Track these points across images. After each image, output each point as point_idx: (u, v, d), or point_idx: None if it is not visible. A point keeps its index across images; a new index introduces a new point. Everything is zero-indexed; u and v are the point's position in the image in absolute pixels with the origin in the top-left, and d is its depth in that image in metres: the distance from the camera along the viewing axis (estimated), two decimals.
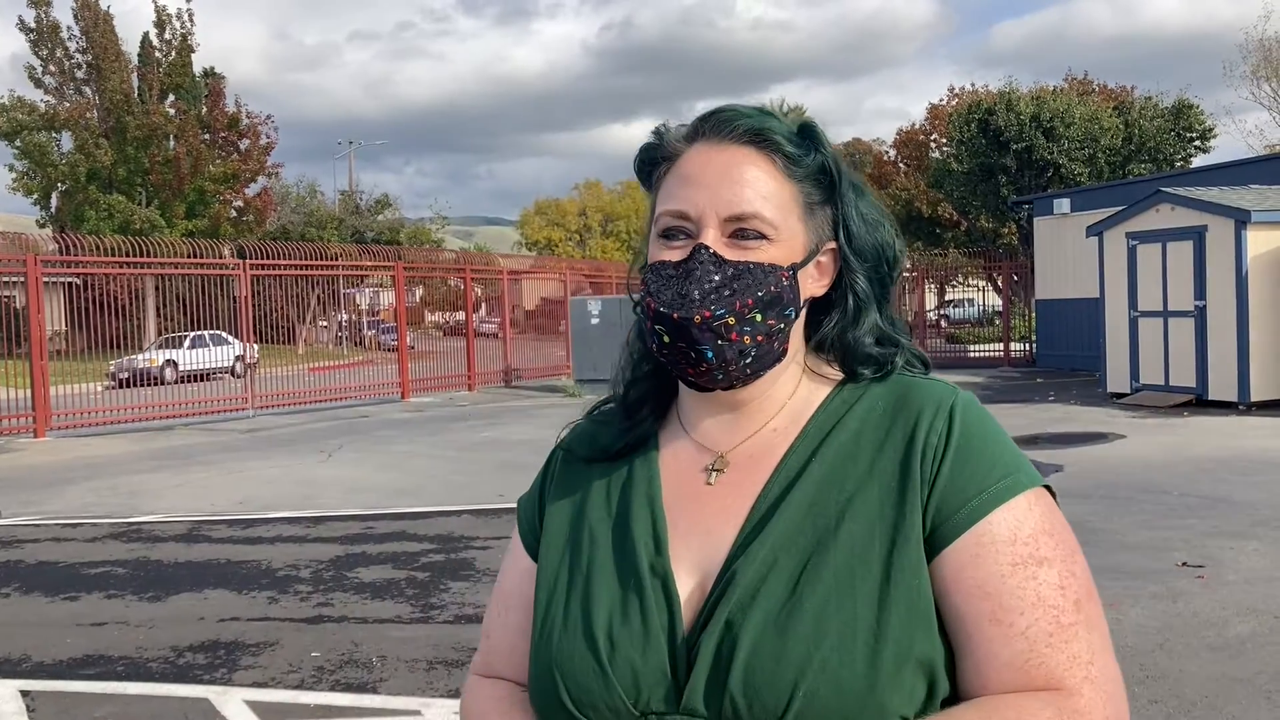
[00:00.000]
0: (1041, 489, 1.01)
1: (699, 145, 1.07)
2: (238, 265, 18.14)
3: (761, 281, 1.02)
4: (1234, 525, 6.96)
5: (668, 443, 1.12)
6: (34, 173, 34.33)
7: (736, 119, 1.06)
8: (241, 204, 37.73)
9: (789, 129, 1.07)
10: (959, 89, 38.90)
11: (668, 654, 0.98)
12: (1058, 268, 21.29)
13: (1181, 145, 28.05)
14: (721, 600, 0.98)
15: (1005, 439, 1.03)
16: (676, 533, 1.05)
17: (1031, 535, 0.97)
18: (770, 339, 1.04)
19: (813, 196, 1.07)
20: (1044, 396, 16.00)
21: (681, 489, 1.08)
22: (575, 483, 1.14)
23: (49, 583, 6.55)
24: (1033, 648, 0.94)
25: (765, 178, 1.04)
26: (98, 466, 11.82)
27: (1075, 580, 0.98)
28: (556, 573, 1.09)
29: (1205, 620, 5.03)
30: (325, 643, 5.14)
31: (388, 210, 43.96)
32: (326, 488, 9.88)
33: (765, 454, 1.06)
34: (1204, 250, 13.68)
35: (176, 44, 35.95)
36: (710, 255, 1.02)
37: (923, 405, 1.04)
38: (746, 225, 1.03)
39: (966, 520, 0.97)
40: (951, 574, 0.97)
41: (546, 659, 1.03)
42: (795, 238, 1.05)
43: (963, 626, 0.96)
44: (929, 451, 1.00)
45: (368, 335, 30.09)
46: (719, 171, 1.04)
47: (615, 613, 1.02)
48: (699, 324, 1.00)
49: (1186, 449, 10.34)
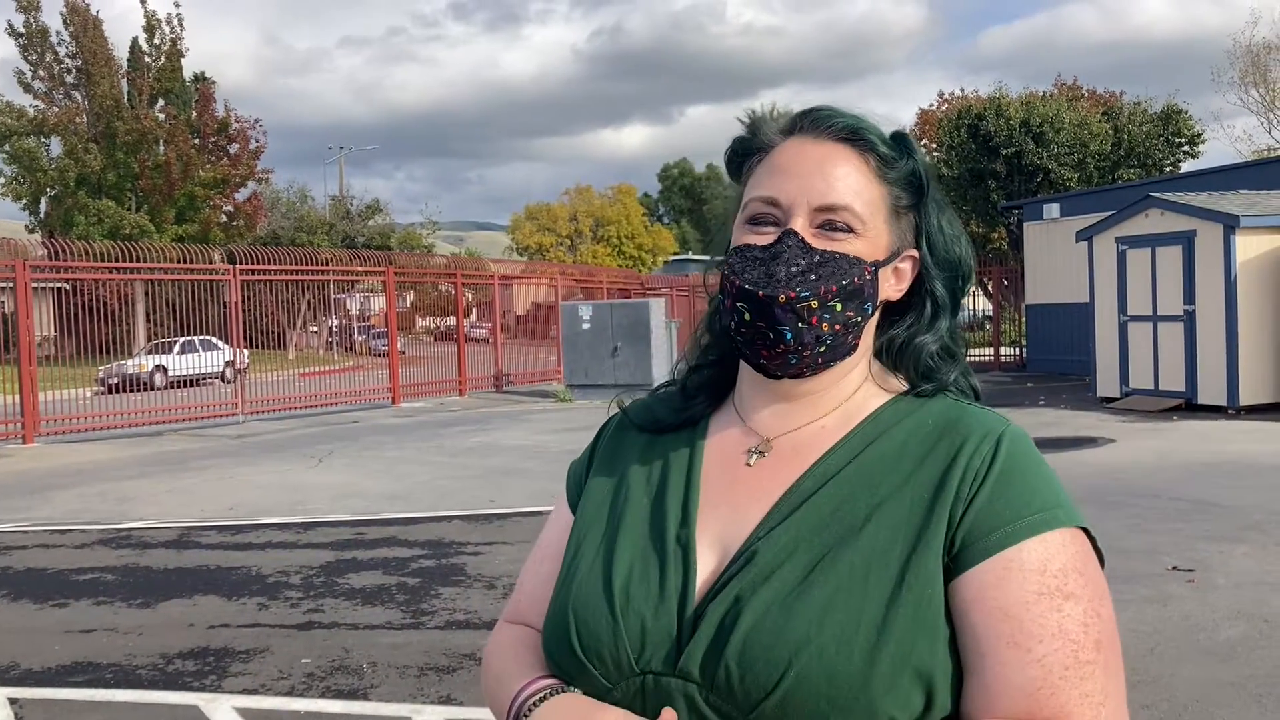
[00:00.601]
0: (1079, 530, 1.01)
1: (795, 139, 1.10)
2: (228, 270, 18.10)
3: (846, 272, 1.05)
4: (1224, 529, 6.98)
5: (719, 424, 1.16)
6: (23, 178, 34.24)
7: (834, 117, 1.10)
8: (231, 209, 37.68)
9: (883, 133, 1.10)
10: (949, 94, 39.00)
11: (676, 618, 1.01)
12: (1048, 272, 21.35)
13: (1170, 150, 28.17)
14: (736, 575, 1.00)
15: (1051, 475, 1.04)
16: (708, 506, 1.08)
17: (1061, 570, 0.97)
18: (846, 330, 1.06)
19: (900, 200, 1.10)
20: (1034, 401, 16.05)
21: (721, 467, 1.11)
22: (623, 450, 1.19)
23: (37, 589, 6.51)
24: (1047, 677, 0.94)
25: (857, 175, 1.07)
26: (87, 472, 11.78)
27: (1100, 622, 0.97)
28: (589, 527, 1.13)
29: (1196, 624, 5.04)
30: (315, 649, 5.12)
31: (378, 215, 43.94)
32: (317, 493, 9.85)
33: (809, 446, 1.08)
34: (1193, 255, 13.74)
35: (166, 49, 35.92)
36: (798, 241, 1.05)
37: (972, 429, 1.05)
38: (835, 217, 1.06)
39: (998, 544, 0.98)
40: (974, 593, 0.97)
41: (564, 602, 1.07)
42: (880, 237, 1.08)
43: (978, 646, 0.96)
44: (970, 473, 1.01)
45: (358, 340, 30.06)
46: (813, 164, 1.07)
47: (635, 571, 1.05)
48: (783, 304, 1.03)
49: (1176, 453, 10.38)
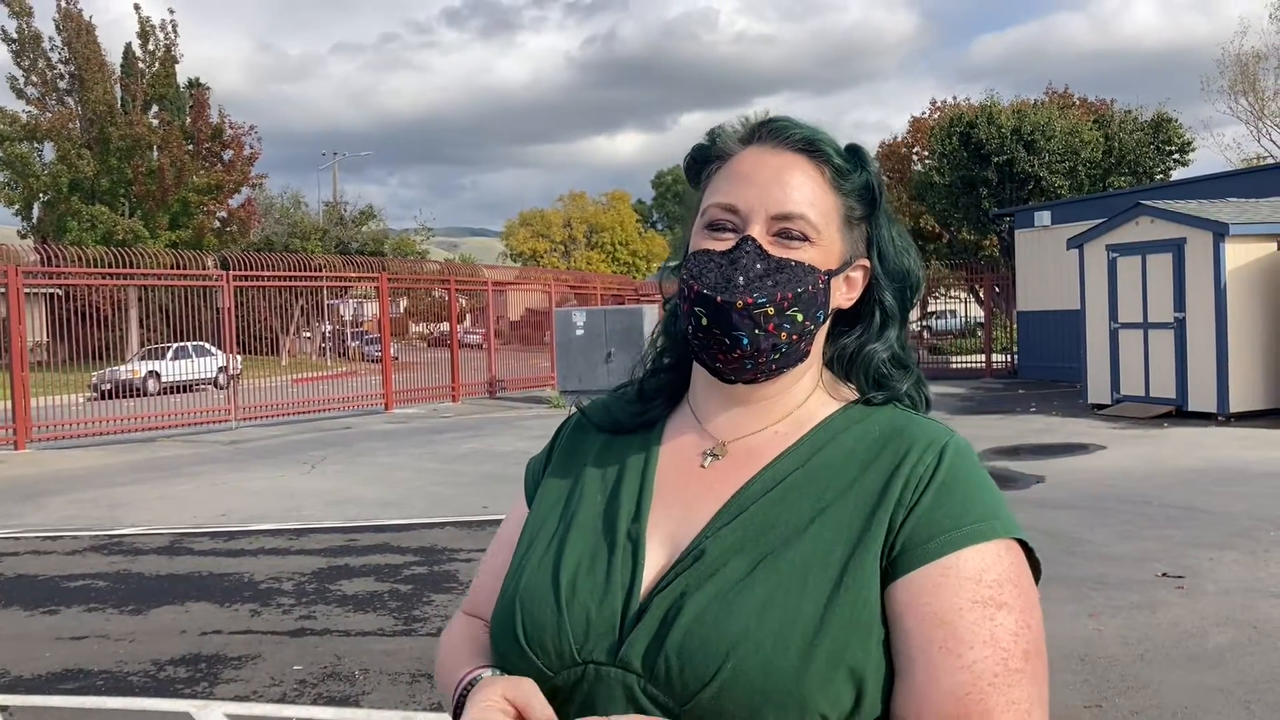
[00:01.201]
0: (1016, 542, 1.03)
1: (753, 148, 1.12)
2: (221, 276, 18.08)
3: (801, 279, 1.07)
4: (1213, 536, 7.01)
5: (675, 427, 1.18)
6: (15, 183, 34.13)
7: (792, 128, 1.12)
8: (225, 215, 37.63)
9: (838, 145, 1.13)
10: (941, 102, 39.09)
11: (621, 610, 1.02)
12: (1039, 280, 21.41)
13: (1161, 158, 28.27)
14: (684, 572, 1.02)
15: (991, 486, 1.06)
16: (660, 504, 1.10)
17: (997, 580, 0.99)
18: (800, 338, 1.08)
19: (854, 211, 1.12)
20: (1025, 407, 16.08)
21: (676, 468, 1.13)
22: (581, 449, 1.21)
23: (28, 596, 6.51)
24: (976, 683, 0.95)
25: (812, 185, 1.09)
26: (79, 479, 11.76)
27: (1029, 632, 0.99)
28: (543, 523, 1.15)
29: (1185, 630, 5.07)
30: (307, 656, 5.13)
31: (372, 221, 43.89)
32: (309, 500, 9.85)
33: (761, 451, 1.10)
34: (1183, 262, 13.79)
35: (160, 55, 35.87)
36: (756, 247, 1.07)
37: (917, 438, 1.07)
38: (792, 225, 1.08)
39: (936, 551, 0.99)
40: (909, 598, 0.98)
41: (512, 592, 1.08)
42: (833, 246, 1.10)
43: (910, 649, 0.97)
44: (913, 480, 1.03)
45: (351, 346, 30.01)
46: (771, 172, 1.09)
47: (583, 563, 1.07)
48: (740, 309, 1.04)
49: (1166, 460, 10.42)
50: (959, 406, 16.87)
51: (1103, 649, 4.82)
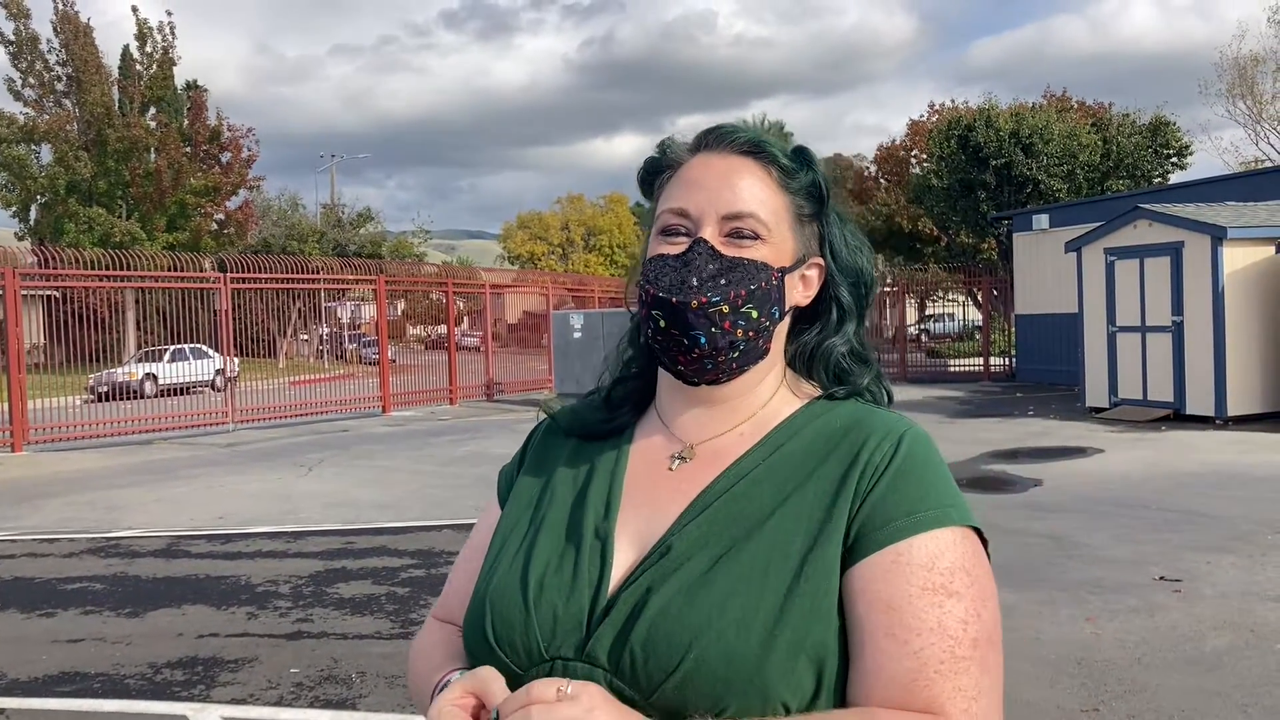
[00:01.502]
0: (972, 531, 1.04)
1: (701, 155, 1.15)
2: (218, 278, 18.07)
3: (754, 276, 1.09)
4: (1211, 539, 7.01)
5: (644, 431, 1.20)
6: (13, 185, 34.10)
7: (737, 133, 1.14)
8: (223, 217, 37.61)
9: (784, 146, 1.15)
10: (939, 105, 39.15)
11: (588, 607, 1.04)
12: (1037, 283, 21.43)
13: (1159, 162, 28.30)
14: (651, 568, 1.04)
15: (947, 476, 1.07)
16: (629, 505, 1.12)
17: (949, 568, 1.00)
18: (758, 335, 1.10)
19: (803, 209, 1.15)
20: (1024, 411, 16.09)
21: (645, 470, 1.15)
22: (551, 453, 1.23)
23: (25, 598, 6.49)
24: (921, 669, 0.96)
25: (760, 185, 1.12)
26: (76, 481, 11.74)
27: (980, 622, 1.00)
28: (514, 525, 1.17)
29: (1183, 634, 5.07)
30: (304, 659, 5.12)
31: (370, 224, 43.89)
32: (306, 502, 9.84)
33: (727, 451, 1.12)
34: (1181, 266, 13.81)
35: (158, 57, 35.85)
36: (708, 248, 1.09)
37: (875, 428, 1.09)
38: (742, 225, 1.10)
39: (888, 538, 1.01)
40: (861, 584, 1.00)
41: (482, 593, 1.10)
42: (785, 243, 1.13)
43: (860, 636, 0.99)
44: (869, 468, 1.05)
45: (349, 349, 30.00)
46: (719, 176, 1.12)
47: (552, 563, 1.08)
48: (695, 309, 1.07)
49: (1164, 463, 10.42)
50: (957, 410, 16.87)
51: (1100, 652, 4.82)
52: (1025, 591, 5.88)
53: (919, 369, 25.41)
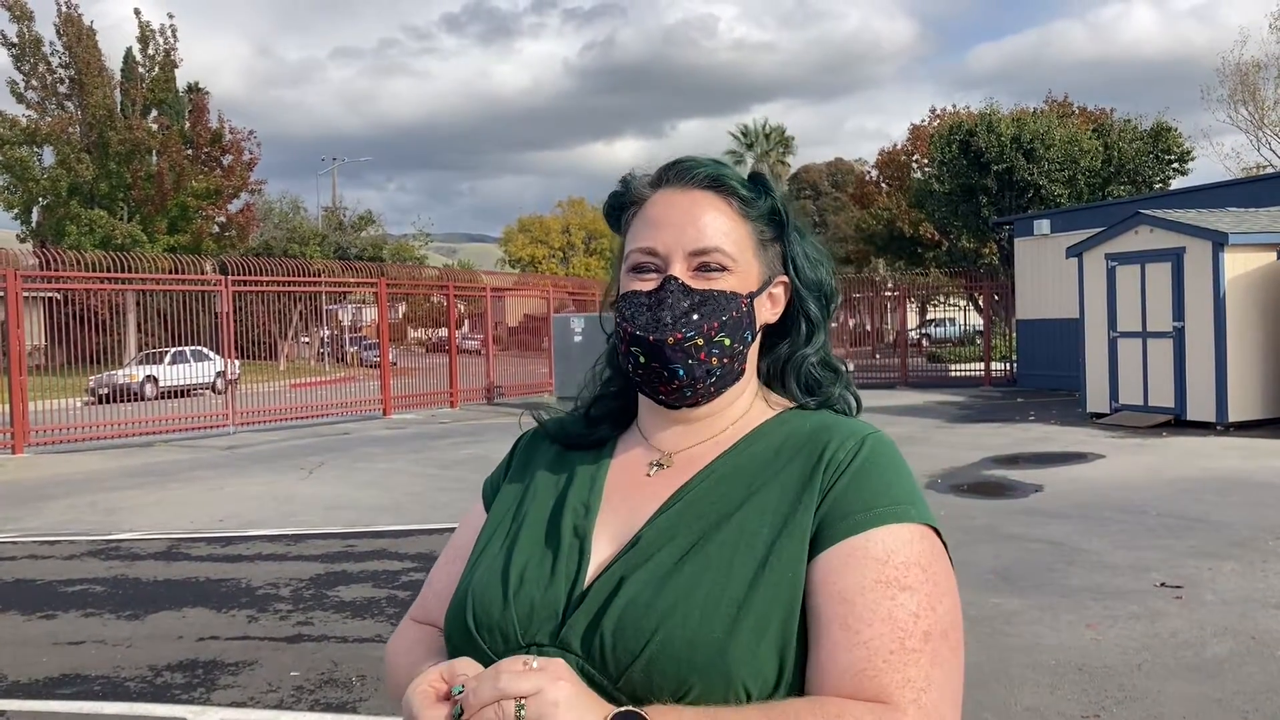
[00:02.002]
0: (931, 530, 1.07)
1: (663, 191, 1.20)
2: (219, 281, 18.08)
3: (725, 307, 1.15)
4: (1212, 545, 7.01)
5: (625, 443, 1.26)
6: (15, 187, 34.10)
7: (696, 168, 1.19)
8: (224, 220, 37.59)
9: (741, 177, 1.21)
10: (940, 110, 39.17)
11: (564, 597, 1.09)
12: (1038, 288, 21.43)
13: (1160, 167, 28.30)
14: (622, 560, 1.09)
15: (909, 476, 1.12)
16: (608, 508, 1.17)
17: (904, 563, 1.03)
18: (732, 360, 1.17)
19: (765, 234, 1.21)
20: (1024, 416, 16.09)
21: (625, 477, 1.20)
22: (535, 460, 1.29)
23: (26, 601, 6.49)
24: (870, 659, 0.99)
25: (723, 217, 1.17)
26: (76, 483, 11.74)
27: (933, 615, 1.02)
28: (497, 526, 1.22)
29: (1183, 641, 5.06)
30: (305, 662, 5.12)
31: (371, 227, 43.92)
32: (307, 505, 9.83)
33: (701, 457, 1.18)
34: (1182, 272, 13.81)
35: (160, 59, 35.87)
36: (679, 285, 1.14)
37: (839, 431, 1.15)
38: (709, 259, 1.15)
39: (846, 530, 1.05)
40: (820, 576, 1.04)
41: (465, 586, 1.16)
42: (751, 270, 1.19)
43: (816, 627, 1.03)
44: (832, 465, 1.10)
45: (350, 352, 30.01)
46: (683, 212, 1.17)
47: (532, 558, 1.14)
48: (672, 345, 1.13)
49: (1165, 469, 10.42)
50: (957, 415, 16.86)
51: (1100, 659, 4.82)
52: (1026, 597, 5.87)
53: (920, 373, 25.41)
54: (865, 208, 40.60)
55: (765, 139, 53.39)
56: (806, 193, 57.45)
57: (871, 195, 40.99)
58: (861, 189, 43.57)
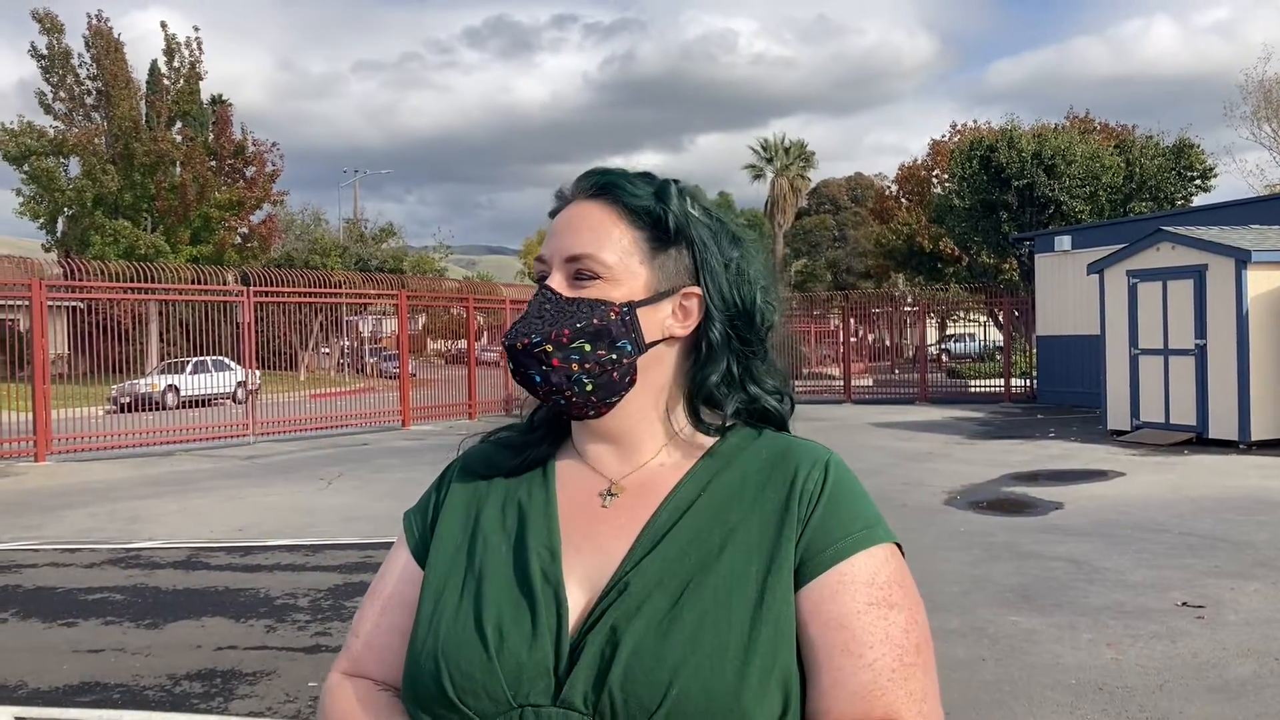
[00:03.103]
0: (894, 545, 1.11)
1: (566, 204, 1.19)
2: (241, 292, 18.20)
3: (584, 315, 1.12)
4: (1235, 565, 6.95)
5: (565, 468, 1.21)
6: (41, 197, 34.42)
7: (591, 177, 1.18)
8: (246, 231, 37.84)
9: (633, 184, 1.16)
10: (961, 125, 39.12)
11: (552, 652, 1.04)
12: (1059, 304, 21.34)
13: (1182, 184, 28.16)
14: (610, 607, 1.05)
15: (868, 496, 1.14)
16: (570, 546, 1.12)
17: (886, 582, 1.07)
18: (606, 369, 1.12)
19: (655, 241, 1.15)
20: (1044, 433, 16.00)
21: (578, 508, 1.16)
22: (469, 496, 1.22)
23: (47, 608, 6.54)
24: (877, 680, 1.02)
25: (605, 224, 1.15)
26: (97, 491, 11.82)
27: (918, 628, 1.07)
28: (447, 574, 1.15)
29: (1205, 661, 5.02)
30: (323, 673, 5.12)
31: (391, 239, 44.13)
32: (325, 516, 9.87)
33: (656, 483, 1.15)
34: (1204, 289, 13.73)
35: (185, 72, 36.17)
36: (548, 293, 1.14)
37: (802, 458, 1.14)
38: (581, 266, 1.14)
39: (831, 559, 1.06)
40: (811, 606, 1.05)
41: (432, 649, 1.08)
42: (635, 279, 1.14)
43: (816, 655, 1.04)
44: (806, 495, 1.10)
45: (369, 363, 30.12)
46: (567, 221, 1.16)
47: (505, 612, 1.08)
48: (520, 350, 1.12)
49: (1187, 487, 10.33)
50: (977, 431, 16.79)
51: (1121, 679, 4.78)
52: (1046, 616, 5.83)
53: (939, 389, 25.31)
54: (885, 222, 40.54)
55: (785, 153, 53.40)
56: (826, 207, 57.44)
57: (891, 210, 40.92)
58: (881, 204, 43.52)
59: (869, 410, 21.71)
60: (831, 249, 55.16)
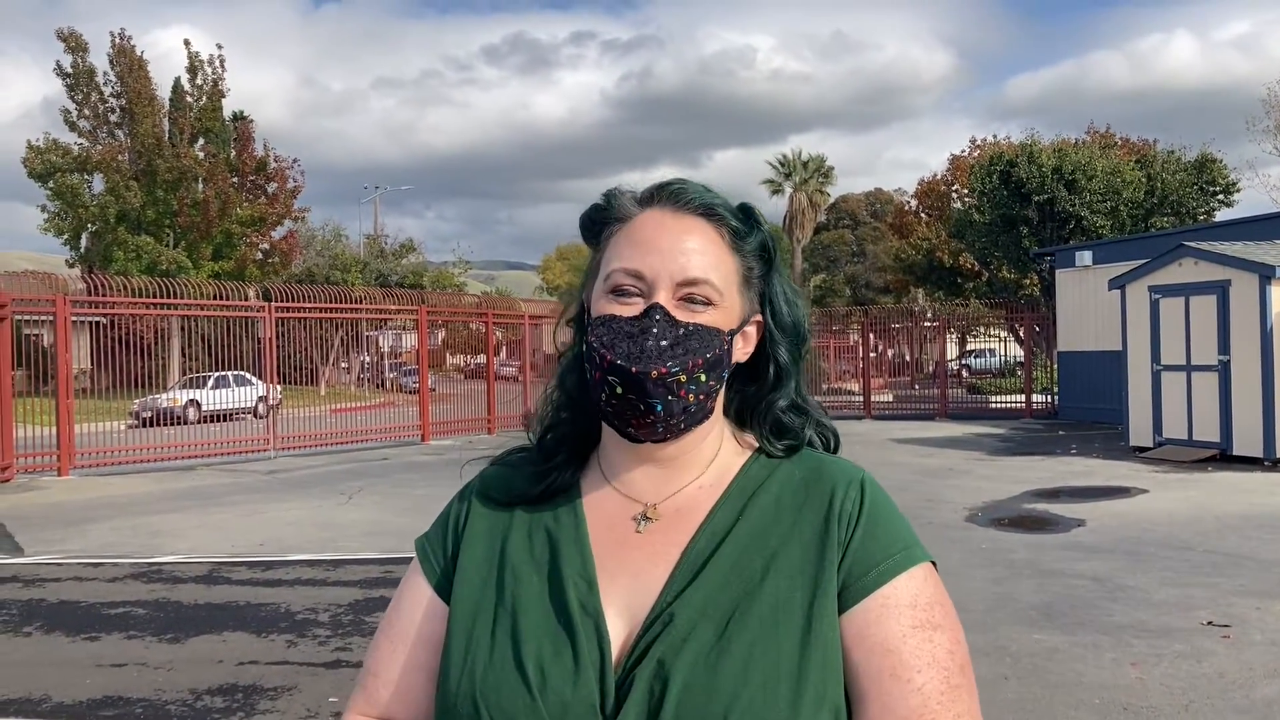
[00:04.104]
0: (930, 564, 1.09)
1: (652, 211, 1.13)
2: (263, 307, 18.32)
3: (708, 344, 1.08)
4: (1261, 584, 6.88)
5: (594, 493, 1.16)
6: (65, 213, 34.76)
7: (690, 192, 1.13)
8: (268, 247, 38.10)
9: (733, 207, 1.14)
10: (981, 140, 39.07)
11: (597, 689, 1.01)
12: (1080, 320, 21.23)
13: (1204, 199, 28.01)
14: (656, 640, 1.02)
15: (903, 516, 1.13)
16: (604, 575, 1.09)
17: (928, 603, 1.06)
18: (707, 398, 1.10)
19: (752, 271, 1.14)
20: (1066, 449, 15.90)
21: (611, 535, 1.12)
22: (491, 524, 1.17)
23: (70, 622, 6.57)
24: (926, 703, 1.01)
25: (713, 248, 1.11)
26: (120, 506, 11.89)
27: (960, 648, 1.06)
28: (476, 609, 1.10)
29: (1231, 681, 4.97)
30: (343, 688, 5.13)
31: (411, 254, 44.34)
32: (346, 531, 9.90)
33: (692, 508, 1.12)
34: (1227, 305, 13.64)
35: (208, 89, 36.48)
36: (665, 315, 1.08)
37: (837, 478, 1.12)
38: (696, 291, 1.09)
39: (874, 583, 1.05)
40: (856, 630, 1.04)
41: (469, 690, 1.04)
42: (734, 307, 1.12)
43: (862, 680, 1.03)
44: (844, 517, 1.08)
45: (389, 378, 30.24)
46: (673, 238, 1.10)
47: (545, 648, 1.04)
48: (655, 379, 1.05)
49: (1211, 505, 10.24)
50: (998, 447, 16.70)
51: (1146, 698, 4.73)
52: (1069, 634, 5.79)
53: (960, 405, 25.20)
54: (904, 237, 40.46)
55: (804, 168, 53.40)
56: (845, 222, 57.40)
57: (911, 225, 40.84)
58: (901, 219, 43.43)
59: (889, 426, 21.64)
60: (850, 264, 55.10)
